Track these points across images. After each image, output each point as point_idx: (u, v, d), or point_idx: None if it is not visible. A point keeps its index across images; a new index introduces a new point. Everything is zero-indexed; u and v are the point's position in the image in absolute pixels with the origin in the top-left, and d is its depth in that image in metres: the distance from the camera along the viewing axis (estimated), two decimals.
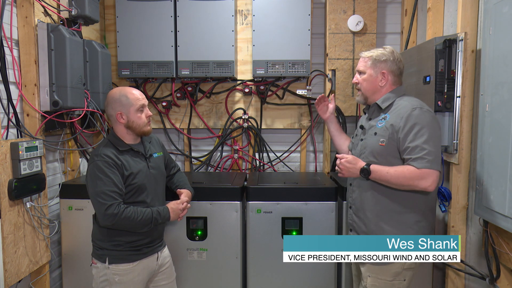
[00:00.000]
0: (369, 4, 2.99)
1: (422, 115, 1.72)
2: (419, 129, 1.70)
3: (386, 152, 1.78)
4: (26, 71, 2.29)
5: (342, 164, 1.84)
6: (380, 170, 1.75)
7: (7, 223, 2.07)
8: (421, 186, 1.68)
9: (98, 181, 1.79)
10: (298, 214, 2.44)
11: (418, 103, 1.78)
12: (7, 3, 2.16)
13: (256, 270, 2.49)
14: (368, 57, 1.88)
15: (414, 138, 1.69)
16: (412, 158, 1.68)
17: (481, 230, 2.09)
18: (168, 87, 3.21)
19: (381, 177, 1.75)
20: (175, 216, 2.01)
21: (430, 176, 1.66)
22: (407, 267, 1.80)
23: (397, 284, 1.81)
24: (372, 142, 1.83)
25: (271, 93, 3.18)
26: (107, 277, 1.89)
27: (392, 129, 1.76)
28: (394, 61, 1.86)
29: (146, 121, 1.93)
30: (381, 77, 1.86)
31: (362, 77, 1.90)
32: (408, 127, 1.71)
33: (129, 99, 1.89)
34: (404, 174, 1.69)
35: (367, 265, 1.86)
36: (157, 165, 2.04)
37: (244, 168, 3.28)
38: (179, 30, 2.96)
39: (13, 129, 2.22)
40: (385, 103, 1.86)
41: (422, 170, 1.66)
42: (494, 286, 1.99)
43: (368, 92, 1.90)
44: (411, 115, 1.72)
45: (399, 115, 1.76)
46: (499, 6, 1.76)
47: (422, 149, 1.67)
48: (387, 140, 1.77)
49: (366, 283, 1.86)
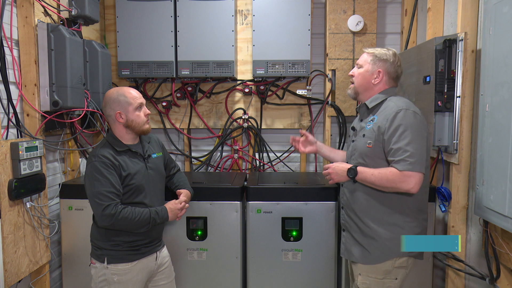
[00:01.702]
0: (369, 4, 2.99)
1: (407, 116, 1.72)
2: (402, 131, 1.70)
3: (373, 154, 1.79)
4: (26, 71, 2.29)
5: (331, 168, 1.89)
6: (365, 171, 1.78)
7: (7, 223, 2.07)
8: (403, 188, 1.68)
9: (95, 181, 1.80)
10: (298, 214, 2.44)
11: (404, 104, 1.77)
12: (7, 3, 2.16)
13: (256, 270, 2.48)
14: (370, 53, 1.89)
15: (397, 140, 1.70)
16: (395, 160, 1.69)
17: (481, 230, 2.09)
18: (168, 87, 3.21)
19: (366, 179, 1.77)
20: (173, 216, 2.00)
21: (412, 178, 1.66)
22: (398, 266, 1.80)
23: (388, 283, 1.81)
24: (361, 144, 1.85)
25: (271, 93, 3.17)
26: (106, 277, 1.89)
27: (378, 131, 1.77)
28: (393, 63, 1.86)
29: (145, 120, 1.94)
30: (376, 75, 1.86)
31: (358, 71, 1.91)
32: (393, 128, 1.72)
33: (127, 98, 1.89)
34: (387, 177, 1.70)
35: (358, 264, 1.87)
36: (156, 166, 2.03)
37: (244, 168, 3.28)
38: (179, 30, 2.96)
39: (13, 129, 2.22)
40: (373, 103, 1.86)
41: (403, 172, 1.66)
42: (494, 286, 1.99)
43: (360, 88, 1.90)
44: (396, 117, 1.72)
45: (385, 117, 1.76)
46: (499, 6, 1.76)
47: (404, 151, 1.67)
48: (373, 142, 1.78)
49: (357, 282, 1.87)
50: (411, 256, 1.82)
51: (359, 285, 1.86)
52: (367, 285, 1.83)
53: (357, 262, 1.87)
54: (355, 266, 1.90)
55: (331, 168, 1.91)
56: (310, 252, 2.46)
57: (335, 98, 3.06)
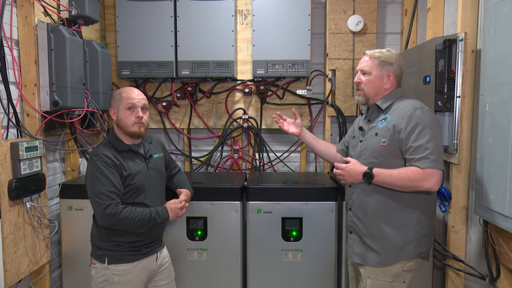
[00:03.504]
0: (369, 4, 2.99)
1: (424, 115, 1.72)
2: (421, 128, 1.70)
3: (388, 153, 1.77)
4: (26, 71, 2.29)
5: (344, 170, 1.83)
6: (383, 173, 1.74)
7: (7, 223, 2.07)
8: (425, 186, 1.68)
9: (96, 181, 1.80)
10: (298, 214, 2.44)
11: (419, 103, 1.79)
12: (7, 3, 2.16)
13: (256, 270, 2.48)
14: (376, 57, 1.85)
15: (417, 138, 1.69)
16: (416, 158, 1.68)
17: (481, 230, 2.09)
18: (168, 87, 3.21)
19: (384, 180, 1.74)
20: (174, 216, 2.01)
21: (434, 176, 1.66)
22: (407, 269, 1.80)
23: (397, 286, 1.81)
24: (373, 142, 1.83)
25: (271, 93, 3.17)
26: (106, 277, 1.89)
27: (394, 129, 1.75)
28: (399, 65, 1.87)
29: (134, 121, 1.90)
30: (387, 79, 1.86)
31: (366, 78, 1.87)
32: (411, 127, 1.71)
33: (121, 97, 1.91)
34: (408, 176, 1.69)
35: (367, 267, 1.86)
36: (157, 166, 2.04)
37: (244, 168, 3.28)
38: (179, 30, 2.96)
39: (13, 129, 2.22)
40: (385, 104, 1.86)
41: (426, 170, 1.66)
42: (494, 286, 1.99)
43: (371, 94, 1.88)
44: (413, 115, 1.72)
45: (400, 115, 1.75)
46: (499, 6, 1.76)
47: (425, 149, 1.67)
48: (388, 140, 1.76)
49: (366, 285, 1.85)
50: (419, 257, 1.82)
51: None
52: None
53: (367, 264, 1.85)
54: (364, 269, 1.87)
55: (344, 170, 1.84)
56: (310, 252, 2.46)
57: (335, 98, 3.06)
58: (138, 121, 1.91)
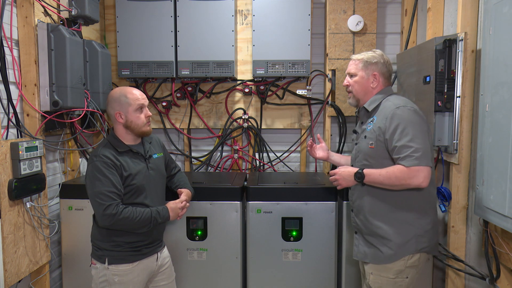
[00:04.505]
0: (369, 4, 2.99)
1: (405, 113, 1.74)
2: (403, 128, 1.72)
3: (376, 154, 1.81)
4: (26, 71, 2.29)
5: (337, 174, 1.91)
6: (373, 173, 1.79)
7: (7, 223, 2.07)
8: (413, 183, 1.70)
9: (96, 181, 1.80)
10: (298, 214, 2.44)
11: (402, 101, 1.80)
12: (7, 3, 2.16)
13: (256, 270, 2.48)
14: (359, 59, 1.92)
15: (400, 137, 1.72)
16: (401, 157, 1.71)
17: (481, 230, 2.09)
18: (168, 87, 3.21)
19: (375, 180, 1.79)
20: (175, 216, 2.01)
21: (421, 172, 1.68)
22: (409, 265, 1.81)
23: (399, 282, 1.82)
24: (363, 145, 1.88)
25: (271, 93, 3.17)
26: (106, 277, 1.89)
27: (379, 131, 1.79)
28: (384, 63, 1.91)
29: (145, 121, 1.93)
30: (373, 79, 1.90)
31: (353, 80, 1.94)
32: (393, 127, 1.74)
33: (128, 99, 1.89)
34: (395, 174, 1.71)
35: (370, 264, 1.88)
36: (157, 166, 2.03)
37: (244, 168, 3.28)
38: (179, 30, 2.96)
39: (13, 129, 2.22)
40: (372, 105, 1.89)
41: (411, 168, 1.68)
42: (494, 286, 1.99)
43: (359, 94, 1.94)
44: (394, 115, 1.75)
45: (384, 116, 1.79)
46: (499, 6, 1.76)
47: (408, 147, 1.69)
48: (375, 142, 1.81)
49: (369, 281, 1.88)
50: (423, 252, 1.83)
51: (371, 284, 1.87)
52: (378, 284, 1.85)
53: (370, 262, 1.89)
54: (367, 266, 1.91)
55: (337, 174, 1.92)
56: (310, 252, 2.46)
57: (335, 98, 3.06)
58: (148, 120, 1.94)
